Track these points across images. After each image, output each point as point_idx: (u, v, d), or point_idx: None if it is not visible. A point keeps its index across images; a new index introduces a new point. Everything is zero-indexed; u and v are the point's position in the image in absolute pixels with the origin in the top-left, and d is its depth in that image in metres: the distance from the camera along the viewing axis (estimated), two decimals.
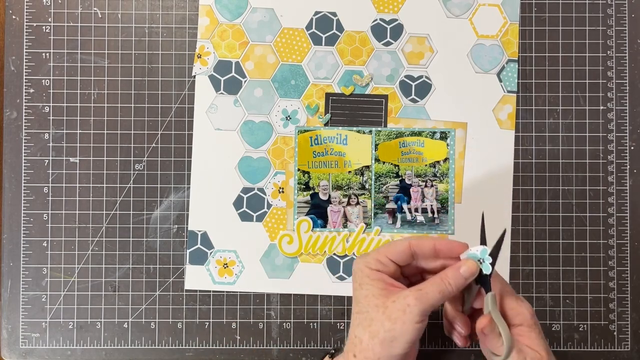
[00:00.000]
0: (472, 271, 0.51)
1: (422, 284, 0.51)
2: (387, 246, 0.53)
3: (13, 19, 0.69)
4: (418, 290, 0.50)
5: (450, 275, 0.50)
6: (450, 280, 0.50)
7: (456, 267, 0.51)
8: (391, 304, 0.49)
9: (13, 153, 0.68)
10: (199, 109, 0.68)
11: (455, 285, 0.50)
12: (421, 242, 0.53)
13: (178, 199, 0.68)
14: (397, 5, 0.69)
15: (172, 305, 0.68)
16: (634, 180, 0.69)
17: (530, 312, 0.52)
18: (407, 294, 0.49)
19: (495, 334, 0.51)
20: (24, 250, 0.68)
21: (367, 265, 0.52)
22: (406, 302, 0.49)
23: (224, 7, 0.69)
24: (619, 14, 0.69)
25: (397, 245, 0.53)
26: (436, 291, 0.50)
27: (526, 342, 0.51)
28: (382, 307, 0.50)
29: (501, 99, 0.68)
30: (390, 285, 0.51)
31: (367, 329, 0.50)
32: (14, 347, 0.68)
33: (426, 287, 0.50)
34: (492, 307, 0.51)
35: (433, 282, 0.50)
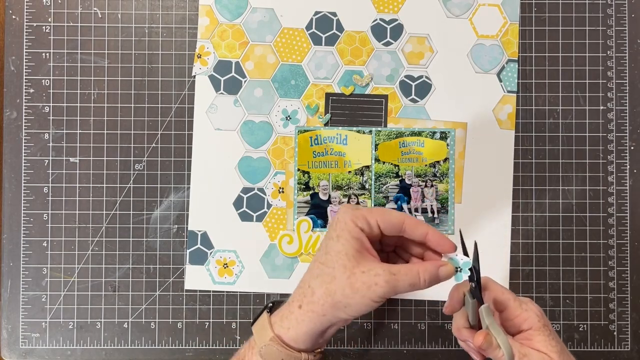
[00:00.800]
0: (448, 275, 0.50)
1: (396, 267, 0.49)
2: (381, 211, 0.51)
3: (13, 19, 0.69)
4: (391, 274, 0.48)
5: (427, 271, 0.49)
6: (426, 276, 0.49)
7: (435, 266, 0.49)
8: (359, 273, 0.48)
9: (13, 153, 0.68)
10: (199, 109, 0.68)
11: (428, 283, 0.49)
12: (416, 225, 0.50)
13: (178, 199, 0.68)
14: (397, 5, 0.69)
15: (172, 305, 0.68)
16: (634, 180, 0.69)
17: (538, 315, 0.51)
18: (378, 272, 0.48)
19: (493, 347, 0.50)
20: (24, 250, 0.68)
21: (352, 219, 0.50)
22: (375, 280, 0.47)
23: (224, 7, 0.69)
24: (619, 14, 0.69)
25: (392, 217, 0.50)
26: (407, 282, 0.48)
27: (535, 346, 0.50)
28: (349, 271, 0.48)
29: (501, 99, 0.68)
30: (365, 250, 0.49)
31: (325, 284, 0.49)
32: (14, 347, 0.68)
33: (400, 275, 0.48)
34: (488, 319, 0.50)
35: (407, 272, 0.48)
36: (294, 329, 0.50)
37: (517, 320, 0.52)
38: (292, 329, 0.50)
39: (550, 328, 0.52)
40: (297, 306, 0.50)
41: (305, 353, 0.51)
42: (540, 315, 0.52)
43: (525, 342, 0.51)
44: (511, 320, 0.52)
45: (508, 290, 0.54)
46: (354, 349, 0.68)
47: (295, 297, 0.51)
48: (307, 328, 0.50)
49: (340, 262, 0.49)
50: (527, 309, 0.52)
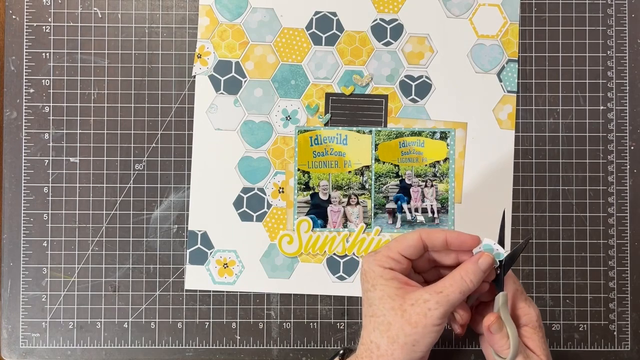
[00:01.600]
0: (490, 263, 0.49)
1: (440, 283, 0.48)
2: (396, 241, 0.51)
3: (13, 19, 0.69)
4: (438, 292, 0.48)
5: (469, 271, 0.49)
6: (470, 276, 0.48)
7: (474, 261, 0.49)
8: (410, 307, 0.48)
9: (13, 153, 0.68)
10: (199, 109, 0.68)
11: (476, 281, 0.49)
12: (432, 234, 0.50)
13: (178, 199, 0.68)
14: (397, 5, 0.69)
15: (172, 305, 0.68)
16: (634, 180, 0.69)
17: (537, 315, 0.52)
18: (427, 298, 0.47)
19: (502, 334, 0.50)
20: (24, 250, 0.68)
21: (379, 264, 0.50)
22: (427, 306, 0.47)
23: (224, 7, 0.69)
24: (619, 14, 0.69)
25: (408, 239, 0.50)
26: (457, 291, 0.48)
27: (529, 344, 0.51)
28: (399, 310, 0.48)
29: (501, 99, 0.68)
30: (405, 284, 0.49)
31: (385, 333, 0.48)
32: (14, 347, 0.68)
33: (446, 289, 0.48)
34: (503, 307, 0.50)
35: (453, 282, 0.48)
36: None
37: (519, 312, 0.52)
38: None
39: (544, 332, 0.52)
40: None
41: None
42: (538, 317, 0.52)
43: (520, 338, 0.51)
44: (514, 311, 0.52)
45: (519, 282, 0.54)
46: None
47: (362, 353, 0.50)
48: None
49: (387, 306, 0.48)
50: (530, 305, 0.52)
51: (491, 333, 0.50)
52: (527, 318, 0.52)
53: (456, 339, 0.68)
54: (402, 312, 0.48)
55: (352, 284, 0.68)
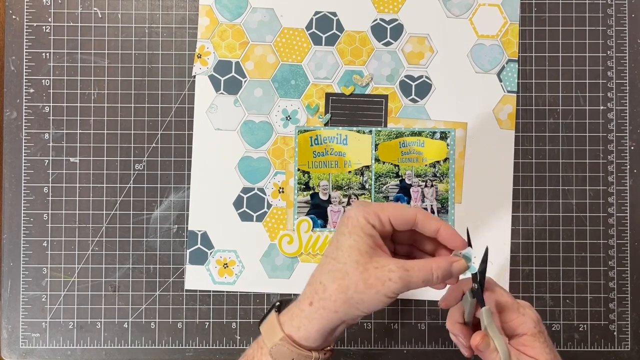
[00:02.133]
0: (460, 271, 0.50)
1: (410, 262, 0.48)
2: (392, 207, 0.50)
3: (13, 19, 0.69)
4: (404, 270, 0.47)
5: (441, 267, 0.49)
6: (439, 272, 0.48)
7: (448, 262, 0.49)
8: (373, 268, 0.48)
9: (13, 153, 0.68)
10: (199, 109, 0.68)
11: (441, 279, 0.49)
12: (428, 220, 0.50)
13: (178, 199, 0.68)
14: (397, 5, 0.69)
15: (172, 305, 0.68)
16: (634, 180, 0.69)
17: (535, 320, 0.51)
18: (392, 268, 0.47)
19: (490, 350, 0.50)
20: (24, 250, 0.68)
21: (365, 216, 0.49)
22: (388, 275, 0.47)
23: (224, 7, 0.69)
24: (619, 14, 0.69)
25: (404, 213, 0.50)
26: (420, 279, 0.48)
27: (529, 352, 0.50)
28: (362, 266, 0.48)
29: (501, 99, 0.68)
30: (378, 247, 0.49)
31: (337, 280, 0.48)
32: (14, 347, 0.68)
33: (413, 270, 0.48)
34: (488, 322, 0.50)
35: (421, 268, 0.48)
36: (305, 327, 0.50)
37: (513, 324, 0.51)
38: (303, 327, 0.50)
39: (545, 336, 0.51)
40: (308, 303, 0.50)
41: (316, 352, 0.50)
42: (537, 322, 0.51)
43: (520, 347, 0.51)
44: (507, 323, 0.52)
45: (508, 293, 0.53)
46: (354, 349, 0.68)
47: (305, 295, 0.50)
48: (319, 326, 0.49)
49: (353, 257, 0.48)
50: (525, 313, 0.51)
51: (480, 351, 0.50)
52: (524, 327, 0.51)
53: None
54: (364, 270, 0.48)
55: None
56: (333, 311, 0.48)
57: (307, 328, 0.49)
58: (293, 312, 0.51)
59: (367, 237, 0.49)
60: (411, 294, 0.68)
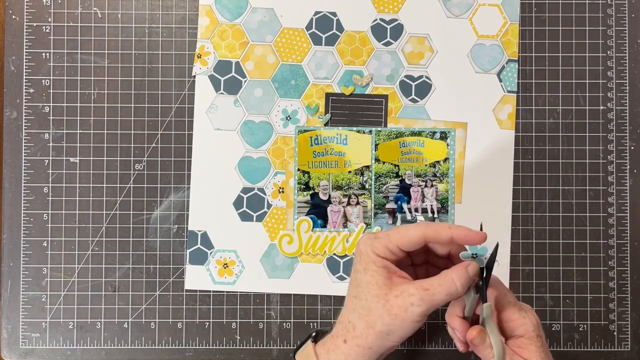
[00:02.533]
0: (477, 271, 0.50)
1: (428, 281, 0.48)
2: (398, 233, 0.50)
3: (13, 19, 0.69)
4: (424, 289, 0.48)
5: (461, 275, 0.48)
6: (462, 281, 0.48)
7: (463, 267, 0.49)
8: (393, 298, 0.48)
9: (13, 153, 0.68)
10: (199, 109, 0.68)
11: (463, 285, 0.48)
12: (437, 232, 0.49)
13: (178, 199, 0.68)
14: (397, 5, 0.69)
15: (172, 305, 0.68)
16: (634, 180, 0.69)
17: (534, 324, 0.51)
18: (412, 292, 0.48)
19: (486, 345, 0.50)
20: (24, 250, 0.68)
21: (374, 251, 0.50)
22: (410, 300, 0.47)
23: (224, 7, 0.69)
24: (619, 14, 0.69)
25: (410, 235, 0.50)
26: (444, 292, 0.48)
27: (524, 355, 0.50)
28: (383, 299, 0.48)
29: (501, 99, 0.68)
30: (395, 275, 0.49)
31: (363, 317, 0.49)
32: (14, 347, 0.68)
33: (434, 288, 0.48)
34: (487, 318, 0.50)
35: (442, 283, 0.48)
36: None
37: (512, 325, 0.51)
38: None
39: (543, 341, 0.51)
40: (342, 341, 0.50)
41: None
42: (536, 326, 0.51)
43: (515, 348, 0.51)
44: (507, 323, 0.52)
45: (511, 293, 0.53)
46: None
47: (338, 332, 0.51)
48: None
49: (372, 292, 0.49)
50: (525, 316, 0.51)
51: (475, 345, 0.50)
52: (523, 329, 0.51)
53: None
54: (385, 302, 0.48)
55: None
56: (367, 347, 0.49)
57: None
58: (329, 347, 0.51)
59: (382, 270, 0.49)
60: None
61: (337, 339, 0.51)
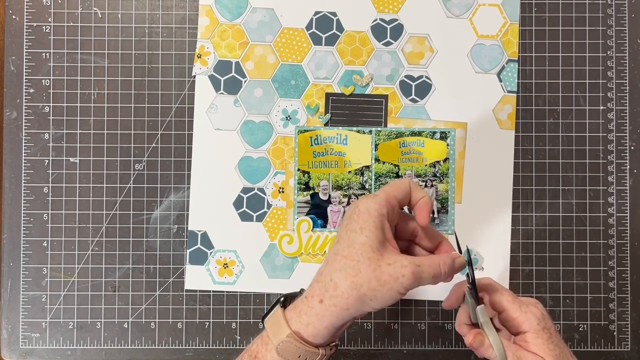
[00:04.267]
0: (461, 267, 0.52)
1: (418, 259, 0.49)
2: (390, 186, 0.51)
3: (13, 19, 0.69)
4: (416, 265, 0.48)
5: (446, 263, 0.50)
6: (445, 268, 0.50)
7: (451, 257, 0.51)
8: (385, 265, 0.48)
9: (13, 153, 0.68)
10: (199, 109, 0.68)
11: (448, 275, 0.50)
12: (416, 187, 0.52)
13: (178, 199, 0.68)
14: (397, 5, 0.69)
15: (172, 305, 0.68)
16: (634, 180, 0.69)
17: (538, 317, 0.51)
18: (405, 264, 0.48)
19: (486, 347, 0.50)
20: (24, 250, 0.68)
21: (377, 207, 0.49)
22: (402, 271, 0.48)
23: (224, 7, 0.69)
24: (619, 14, 0.69)
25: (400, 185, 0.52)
26: (431, 274, 0.49)
27: (531, 349, 0.50)
28: (375, 263, 0.48)
29: (501, 99, 0.68)
30: (388, 241, 0.50)
31: (350, 277, 0.48)
32: (14, 347, 0.68)
33: (424, 266, 0.49)
34: (483, 319, 0.51)
35: (430, 264, 0.49)
36: (314, 324, 0.49)
37: (516, 322, 0.51)
38: (312, 324, 0.49)
39: (551, 331, 0.51)
40: (318, 301, 0.49)
41: (322, 348, 0.50)
42: (541, 318, 0.51)
43: (522, 344, 0.51)
44: (510, 322, 0.52)
45: (508, 292, 0.53)
46: (354, 349, 0.68)
47: (314, 292, 0.50)
48: (328, 323, 0.49)
49: (365, 254, 0.48)
50: (527, 310, 0.51)
51: (475, 349, 0.51)
52: (527, 324, 0.51)
53: (456, 339, 0.68)
54: (376, 267, 0.48)
55: None
56: (345, 308, 0.48)
57: (316, 325, 0.49)
58: (301, 309, 0.50)
59: (379, 231, 0.49)
60: (412, 294, 0.68)
61: (312, 300, 0.50)
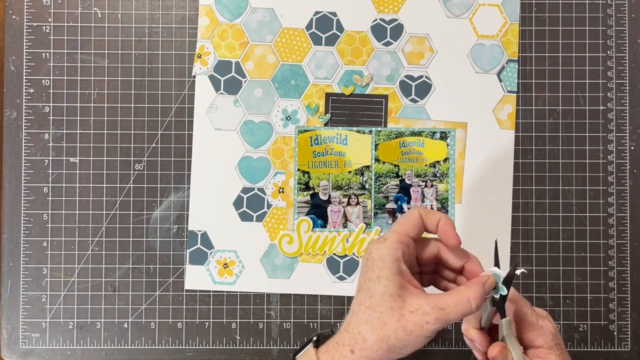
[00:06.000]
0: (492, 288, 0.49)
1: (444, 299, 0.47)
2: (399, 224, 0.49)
3: (13, 19, 0.69)
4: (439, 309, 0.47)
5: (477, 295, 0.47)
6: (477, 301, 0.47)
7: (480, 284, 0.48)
8: (409, 313, 0.47)
9: (13, 153, 0.68)
10: (199, 109, 0.68)
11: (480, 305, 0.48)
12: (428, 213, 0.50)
13: (178, 199, 0.68)
14: (397, 5, 0.69)
15: (172, 305, 0.68)
16: (634, 180, 0.69)
17: (552, 332, 0.50)
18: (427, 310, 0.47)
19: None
20: (24, 250, 0.68)
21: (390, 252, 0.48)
22: (425, 319, 0.47)
23: (224, 7, 0.69)
24: (619, 14, 0.69)
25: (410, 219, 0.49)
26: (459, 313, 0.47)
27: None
28: (398, 312, 0.47)
29: (501, 99, 0.68)
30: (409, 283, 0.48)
31: (377, 330, 0.48)
32: (14, 347, 0.68)
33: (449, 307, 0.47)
34: (507, 333, 0.49)
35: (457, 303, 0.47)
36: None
37: (531, 335, 0.51)
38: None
39: (562, 348, 0.51)
40: (349, 351, 0.49)
41: None
42: (555, 334, 0.51)
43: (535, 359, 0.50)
44: (525, 334, 0.51)
45: (527, 303, 0.52)
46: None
47: (345, 341, 0.50)
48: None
49: (387, 304, 0.47)
50: (543, 325, 0.51)
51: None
52: (542, 339, 0.50)
53: (456, 339, 0.68)
54: (400, 316, 0.47)
55: (352, 284, 0.68)
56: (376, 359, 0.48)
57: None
58: (334, 355, 0.50)
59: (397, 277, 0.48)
60: None
61: (344, 348, 0.50)
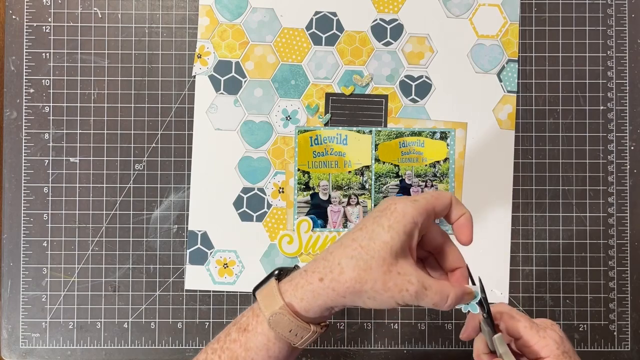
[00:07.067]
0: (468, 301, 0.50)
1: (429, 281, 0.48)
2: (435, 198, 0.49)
3: (13, 19, 0.69)
4: (423, 287, 0.47)
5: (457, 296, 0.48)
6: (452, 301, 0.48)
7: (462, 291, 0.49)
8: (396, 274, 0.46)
9: (13, 153, 0.68)
10: (199, 109, 0.68)
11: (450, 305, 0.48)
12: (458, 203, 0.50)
13: (178, 199, 0.68)
14: (397, 5, 0.69)
15: (172, 305, 0.68)
16: (634, 180, 0.69)
17: (557, 341, 0.50)
18: (412, 280, 0.47)
19: None
20: (24, 250, 0.68)
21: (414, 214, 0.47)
22: (407, 286, 0.46)
23: (224, 7, 0.69)
24: (619, 14, 0.69)
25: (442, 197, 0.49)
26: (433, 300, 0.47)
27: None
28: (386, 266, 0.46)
29: (501, 99, 0.68)
30: (410, 250, 0.48)
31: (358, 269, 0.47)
32: (14, 347, 0.68)
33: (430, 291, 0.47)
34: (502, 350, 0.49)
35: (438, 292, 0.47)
36: (308, 300, 0.48)
37: (536, 348, 0.50)
38: (306, 300, 0.48)
39: (570, 354, 0.50)
40: (318, 278, 0.48)
41: (314, 325, 0.49)
42: (560, 342, 0.50)
43: None
44: (528, 348, 0.51)
45: (525, 317, 0.52)
46: (354, 349, 0.68)
47: (317, 268, 0.48)
48: (322, 302, 0.48)
49: (382, 253, 0.47)
50: (545, 335, 0.50)
51: None
52: (547, 350, 0.50)
53: (456, 339, 0.68)
54: (387, 271, 0.47)
55: None
56: (341, 295, 0.47)
57: (309, 301, 0.48)
58: (297, 282, 0.49)
59: (405, 237, 0.47)
60: None
61: (312, 275, 0.48)
